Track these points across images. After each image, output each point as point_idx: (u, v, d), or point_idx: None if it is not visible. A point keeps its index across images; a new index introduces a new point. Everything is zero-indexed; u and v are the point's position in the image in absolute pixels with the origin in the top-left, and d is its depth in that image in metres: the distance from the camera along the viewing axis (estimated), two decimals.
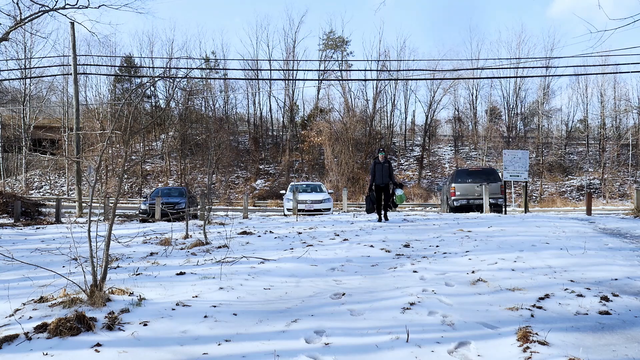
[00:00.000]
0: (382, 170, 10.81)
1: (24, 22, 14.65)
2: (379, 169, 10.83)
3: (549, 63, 37.83)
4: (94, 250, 4.03)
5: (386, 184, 10.80)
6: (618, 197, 32.83)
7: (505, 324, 3.36)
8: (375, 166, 10.89)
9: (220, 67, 42.96)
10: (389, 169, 10.86)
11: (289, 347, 3.01)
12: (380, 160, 10.89)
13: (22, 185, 35.79)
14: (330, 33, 43.45)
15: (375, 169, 10.86)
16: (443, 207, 18.71)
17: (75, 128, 20.14)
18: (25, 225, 13.12)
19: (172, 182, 36.27)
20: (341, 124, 36.75)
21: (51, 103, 42.76)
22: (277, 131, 43.55)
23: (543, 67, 38.01)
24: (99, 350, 2.92)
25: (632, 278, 4.72)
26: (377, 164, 10.89)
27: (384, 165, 10.84)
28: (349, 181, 32.85)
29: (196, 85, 41.37)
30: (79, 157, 18.91)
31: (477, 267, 5.23)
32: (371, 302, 4.01)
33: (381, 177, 10.79)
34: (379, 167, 10.84)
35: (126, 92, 37.64)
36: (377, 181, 10.80)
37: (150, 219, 15.43)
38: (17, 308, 3.77)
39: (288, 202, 16.94)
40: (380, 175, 10.80)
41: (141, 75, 39.47)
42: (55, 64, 35.94)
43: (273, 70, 42.14)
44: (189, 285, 4.60)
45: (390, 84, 40.54)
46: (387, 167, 10.83)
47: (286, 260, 5.97)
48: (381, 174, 10.80)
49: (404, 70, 39.11)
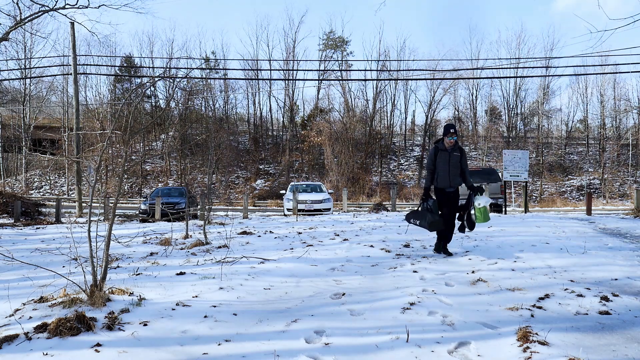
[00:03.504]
0: (450, 163, 6.14)
1: (24, 22, 14.66)
2: (443, 160, 6.15)
3: (548, 63, 37.86)
4: (94, 250, 4.03)
5: (456, 187, 6.27)
6: (618, 197, 32.83)
7: (505, 324, 3.36)
8: (438, 156, 6.20)
9: (220, 67, 42.97)
10: (460, 162, 6.20)
11: (289, 347, 3.01)
12: (447, 146, 6.15)
13: (22, 185, 35.79)
14: (330, 33, 43.47)
15: (438, 161, 6.19)
16: None
17: (75, 128, 20.14)
18: (25, 225, 13.12)
19: (172, 182, 36.26)
20: (341, 124, 36.75)
21: (51, 103, 42.75)
22: (277, 131, 43.54)
23: (543, 67, 38.02)
24: (99, 350, 2.92)
25: (632, 278, 4.72)
26: (441, 151, 6.18)
27: (452, 155, 6.14)
28: (349, 181, 32.84)
29: (196, 85, 41.36)
30: (79, 157, 18.90)
31: (477, 267, 5.24)
32: (371, 302, 4.01)
33: (448, 175, 6.14)
34: (445, 157, 6.15)
35: (126, 92, 37.63)
36: (442, 182, 6.16)
37: (150, 219, 15.43)
38: (17, 308, 3.77)
39: (288, 202, 16.94)
40: (446, 173, 6.14)
41: (141, 75, 39.46)
42: (55, 64, 35.95)
43: (273, 70, 42.17)
44: (189, 285, 4.60)
45: (390, 84, 40.56)
46: (457, 158, 6.19)
47: (286, 260, 5.97)
48: (447, 169, 6.13)
49: (404, 70, 39.12)
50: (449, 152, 6.17)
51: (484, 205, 6.01)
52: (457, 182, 6.23)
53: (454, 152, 6.19)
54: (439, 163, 6.17)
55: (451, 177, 6.16)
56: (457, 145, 6.20)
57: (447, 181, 6.16)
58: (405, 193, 33.38)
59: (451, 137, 6.10)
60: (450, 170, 6.15)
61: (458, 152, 6.22)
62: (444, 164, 6.16)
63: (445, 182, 6.17)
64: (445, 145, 6.18)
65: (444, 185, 6.18)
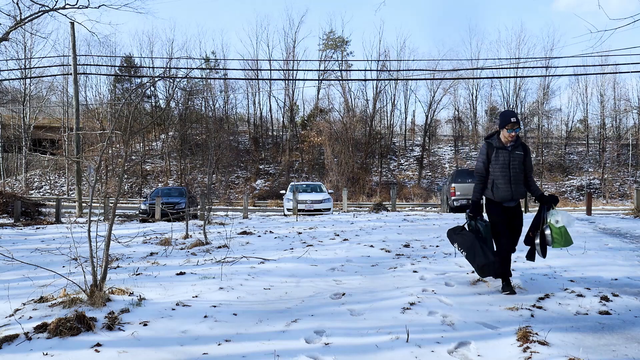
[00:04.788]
0: (512, 166, 4.43)
1: (24, 22, 14.66)
2: (502, 162, 4.43)
3: (548, 63, 37.84)
4: (94, 250, 4.03)
5: (518, 200, 4.55)
6: (618, 197, 32.82)
7: (505, 324, 3.36)
8: (494, 156, 4.46)
9: (220, 67, 42.95)
10: (524, 165, 4.48)
11: (289, 347, 3.01)
12: (506, 141, 4.45)
13: (22, 185, 35.78)
14: (330, 33, 43.45)
15: (494, 163, 4.46)
16: (443, 207, 18.70)
17: (75, 128, 20.14)
18: (25, 225, 13.11)
19: (172, 182, 36.26)
20: (341, 124, 36.75)
21: (51, 103, 42.76)
22: (277, 131, 43.52)
23: (543, 67, 38.01)
24: (99, 350, 2.92)
25: (632, 278, 4.72)
26: (497, 149, 4.46)
27: (513, 155, 4.44)
28: (349, 181, 32.84)
29: (196, 85, 41.35)
30: (79, 157, 18.90)
31: None
32: (371, 302, 4.01)
33: (509, 183, 4.41)
34: (503, 157, 4.43)
35: (126, 92, 37.65)
36: (500, 194, 4.43)
37: (150, 219, 15.43)
38: (17, 308, 3.77)
39: (288, 202, 16.94)
40: (506, 180, 4.42)
41: (141, 75, 39.47)
42: (55, 64, 35.94)
43: (273, 70, 42.15)
44: (189, 285, 4.60)
45: (390, 84, 40.54)
46: (520, 159, 4.44)
47: (286, 260, 5.97)
48: (508, 175, 4.42)
49: (404, 70, 39.13)
50: (508, 150, 4.39)
51: (563, 223, 4.26)
52: (521, 193, 4.44)
53: (516, 150, 4.40)
54: (495, 166, 4.41)
55: (513, 187, 4.36)
56: (518, 141, 4.44)
57: (509, 192, 4.37)
58: (405, 193, 33.37)
59: (513, 129, 4.32)
60: (511, 177, 4.37)
61: (521, 150, 4.43)
62: (502, 168, 4.38)
63: (506, 194, 4.38)
64: (503, 141, 4.42)
65: (504, 198, 4.40)
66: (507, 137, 4.41)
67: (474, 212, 4.51)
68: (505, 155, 4.42)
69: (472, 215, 4.52)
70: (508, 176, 4.40)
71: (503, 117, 4.46)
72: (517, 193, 4.43)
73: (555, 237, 4.26)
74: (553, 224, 4.29)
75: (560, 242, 4.28)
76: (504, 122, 4.40)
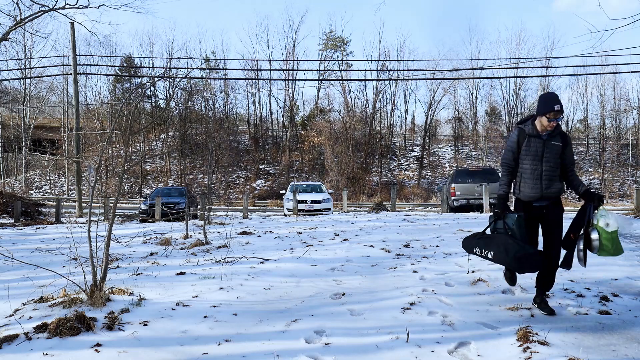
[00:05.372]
0: (545, 158, 3.71)
1: (24, 22, 14.66)
2: (534, 152, 3.73)
3: (548, 63, 37.84)
4: (94, 250, 4.03)
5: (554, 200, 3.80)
6: (618, 197, 32.82)
7: (505, 324, 3.36)
8: (525, 145, 3.76)
9: (220, 67, 42.96)
10: (563, 158, 3.75)
11: (289, 347, 3.01)
12: (543, 129, 3.73)
13: (22, 185, 35.78)
14: (330, 33, 43.45)
15: (525, 154, 3.77)
16: (443, 207, 18.71)
17: (75, 128, 20.14)
18: (25, 225, 13.11)
19: (172, 182, 36.26)
20: (341, 124, 36.74)
21: (51, 103, 42.76)
22: (277, 131, 43.52)
23: (543, 67, 38.01)
24: (99, 350, 2.92)
25: (632, 278, 4.72)
26: (530, 137, 3.75)
27: (549, 145, 3.72)
28: (349, 181, 32.83)
29: (196, 85, 41.35)
30: (79, 157, 18.90)
31: (477, 267, 5.23)
32: (371, 302, 4.01)
33: (539, 179, 3.72)
34: (537, 147, 3.73)
35: (126, 92, 37.64)
36: (527, 190, 3.75)
37: (150, 219, 15.43)
38: (17, 308, 3.77)
39: (288, 202, 16.94)
40: (537, 175, 3.72)
41: (141, 75, 39.47)
42: (55, 64, 35.94)
43: (273, 70, 42.15)
44: (189, 285, 4.60)
45: (390, 84, 40.53)
46: (557, 150, 3.72)
47: (286, 260, 5.97)
48: (539, 169, 3.72)
49: (404, 70, 39.12)
50: (543, 139, 3.69)
51: (615, 227, 3.54)
52: (557, 191, 3.70)
53: (552, 140, 3.70)
54: (525, 157, 3.72)
55: (544, 183, 3.67)
56: (557, 130, 3.71)
57: (537, 189, 3.68)
58: (405, 193, 33.37)
59: (554, 117, 3.62)
60: (543, 171, 3.67)
61: (559, 140, 3.71)
62: (533, 160, 3.69)
63: (534, 191, 3.69)
64: (539, 128, 3.70)
65: (531, 196, 3.71)
66: (545, 126, 3.67)
67: (501, 209, 3.76)
68: (539, 145, 3.69)
69: (499, 213, 3.75)
70: (539, 170, 3.69)
71: (544, 102, 3.69)
72: (550, 190, 3.68)
73: (605, 243, 3.54)
74: (602, 227, 3.52)
75: (610, 249, 3.56)
76: (546, 109, 3.64)
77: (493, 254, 3.64)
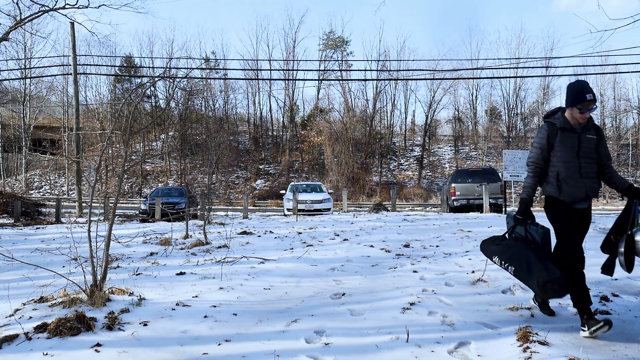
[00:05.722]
0: (581, 153, 3.31)
1: (24, 22, 14.67)
2: (569, 147, 3.32)
3: (548, 63, 37.85)
4: (94, 250, 4.03)
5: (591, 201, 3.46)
6: (618, 197, 32.82)
7: (505, 324, 3.36)
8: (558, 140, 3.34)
9: (220, 67, 42.98)
10: (598, 152, 3.38)
11: (289, 347, 3.01)
12: (576, 122, 3.34)
13: (22, 185, 35.78)
14: (330, 33, 43.46)
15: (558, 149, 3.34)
16: (443, 207, 18.71)
17: (75, 128, 20.15)
18: (25, 225, 13.11)
19: (172, 182, 36.26)
20: (341, 124, 36.75)
21: (51, 103, 42.76)
22: (277, 131, 43.52)
23: (543, 67, 38.02)
24: (99, 350, 2.92)
25: (632, 278, 4.72)
26: (562, 131, 3.35)
27: (585, 139, 3.33)
28: (349, 181, 32.84)
29: (196, 85, 41.37)
30: (79, 157, 18.91)
31: (477, 267, 5.23)
32: (371, 302, 4.01)
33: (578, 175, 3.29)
34: (571, 142, 3.33)
35: (126, 92, 37.65)
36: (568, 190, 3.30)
37: (150, 219, 15.43)
38: (17, 308, 3.77)
39: (288, 202, 16.94)
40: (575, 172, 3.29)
41: (141, 75, 39.48)
42: (55, 64, 35.96)
43: (273, 70, 42.19)
44: (189, 285, 4.60)
45: (390, 84, 40.56)
46: (592, 144, 3.35)
47: (286, 260, 5.97)
48: (577, 165, 3.30)
49: (404, 70, 39.14)
50: (577, 133, 3.33)
51: None
52: (597, 190, 3.36)
53: (587, 133, 3.35)
54: (561, 154, 3.32)
55: (587, 181, 3.29)
56: (590, 122, 3.39)
57: (582, 188, 3.29)
58: (405, 193, 33.38)
59: (587, 108, 3.27)
60: (582, 167, 3.28)
61: (593, 133, 3.38)
62: (569, 155, 3.30)
63: (579, 190, 3.30)
64: (571, 122, 3.35)
65: (575, 197, 3.31)
66: (577, 118, 3.31)
67: (523, 215, 3.39)
68: (574, 140, 3.31)
69: (521, 219, 3.40)
70: (577, 167, 3.28)
71: (575, 92, 3.32)
72: (592, 190, 3.31)
73: None
74: None
75: None
76: (577, 99, 3.28)
77: (514, 269, 3.31)
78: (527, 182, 3.47)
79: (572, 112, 3.32)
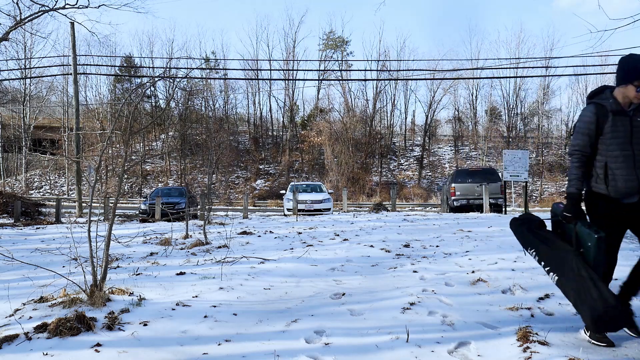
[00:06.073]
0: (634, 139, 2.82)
1: (24, 22, 14.66)
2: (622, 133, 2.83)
3: (548, 63, 37.85)
4: (94, 250, 4.03)
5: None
6: None
7: (505, 324, 3.36)
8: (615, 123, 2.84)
9: (220, 67, 43.00)
10: None
11: (289, 347, 3.01)
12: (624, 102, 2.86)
13: (22, 185, 35.78)
14: (330, 33, 43.48)
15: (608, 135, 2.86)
16: (443, 207, 18.71)
17: (75, 128, 20.15)
18: (25, 225, 13.11)
19: (172, 182, 36.26)
20: (341, 124, 36.77)
21: (51, 103, 42.78)
22: (277, 131, 43.53)
23: (543, 67, 38.02)
24: (99, 350, 2.92)
25: None
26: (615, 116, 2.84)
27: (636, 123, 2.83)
28: (349, 181, 32.85)
29: (196, 85, 41.38)
30: (79, 157, 18.91)
31: (477, 267, 5.23)
32: (371, 302, 4.01)
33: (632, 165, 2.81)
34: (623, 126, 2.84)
35: (126, 92, 37.65)
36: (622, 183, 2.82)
37: (150, 219, 15.42)
38: (17, 308, 3.77)
39: (288, 202, 16.94)
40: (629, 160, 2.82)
41: (141, 75, 39.48)
42: (55, 64, 35.99)
43: (273, 70, 42.21)
44: (189, 285, 4.60)
45: (390, 84, 40.58)
46: None
47: (286, 260, 5.97)
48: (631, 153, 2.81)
49: (404, 70, 39.16)
50: (629, 116, 2.87)
51: None
52: None
53: (638, 115, 2.88)
54: (612, 141, 2.87)
55: (639, 172, 2.83)
56: None
57: (635, 181, 2.84)
58: (405, 193, 33.39)
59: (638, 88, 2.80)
60: (636, 157, 2.83)
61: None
62: (623, 143, 2.85)
63: (631, 184, 2.84)
64: (622, 103, 2.89)
65: (626, 191, 2.86)
66: (631, 98, 2.83)
67: (573, 212, 2.92)
68: (626, 124, 2.84)
69: (570, 217, 2.93)
70: (631, 156, 2.82)
71: (630, 67, 2.84)
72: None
73: None
74: None
75: None
76: (632, 76, 2.80)
77: (558, 279, 2.89)
78: (573, 174, 2.98)
79: (625, 90, 2.85)
